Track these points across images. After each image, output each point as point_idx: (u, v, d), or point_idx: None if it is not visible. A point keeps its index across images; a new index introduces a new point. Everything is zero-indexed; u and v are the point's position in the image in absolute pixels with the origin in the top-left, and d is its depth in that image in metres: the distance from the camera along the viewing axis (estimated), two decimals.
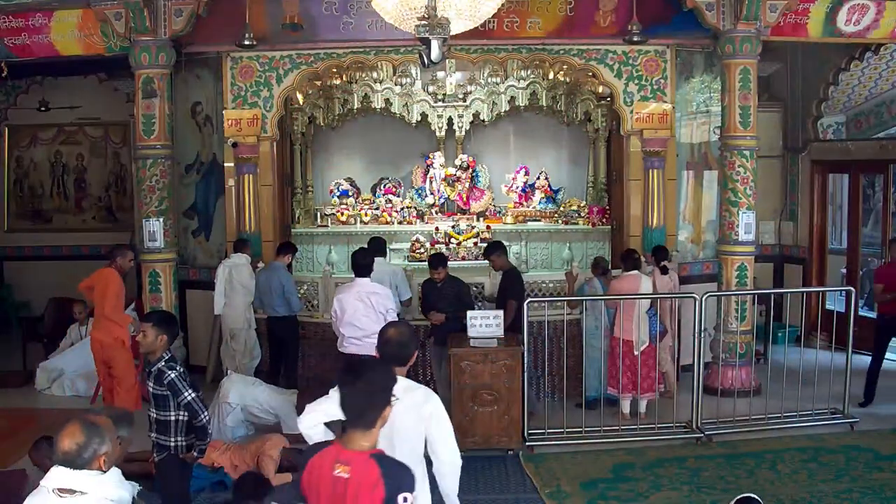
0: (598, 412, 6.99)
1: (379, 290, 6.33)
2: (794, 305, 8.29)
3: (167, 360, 4.39)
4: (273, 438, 6.23)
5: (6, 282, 11.81)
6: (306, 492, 2.81)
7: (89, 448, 2.74)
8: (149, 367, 4.45)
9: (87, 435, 2.75)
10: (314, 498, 2.77)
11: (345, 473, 2.69)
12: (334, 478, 2.70)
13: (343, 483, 2.69)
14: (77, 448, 2.73)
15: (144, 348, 4.46)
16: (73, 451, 2.73)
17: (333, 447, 2.79)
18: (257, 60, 8.55)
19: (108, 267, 7.24)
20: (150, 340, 4.38)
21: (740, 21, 7.64)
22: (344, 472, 2.69)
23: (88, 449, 2.74)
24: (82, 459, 2.73)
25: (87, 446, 2.74)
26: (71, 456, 2.72)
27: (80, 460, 2.73)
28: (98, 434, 2.78)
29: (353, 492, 2.67)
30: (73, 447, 2.73)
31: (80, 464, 2.73)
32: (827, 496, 5.64)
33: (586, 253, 10.13)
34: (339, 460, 2.72)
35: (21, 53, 8.13)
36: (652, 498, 5.71)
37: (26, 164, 11.91)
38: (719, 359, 8.03)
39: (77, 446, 2.73)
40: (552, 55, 8.55)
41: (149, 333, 4.38)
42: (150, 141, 8.02)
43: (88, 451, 2.74)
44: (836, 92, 10.02)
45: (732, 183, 8.00)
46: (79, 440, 2.74)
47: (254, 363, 8.17)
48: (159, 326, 4.41)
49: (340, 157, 11.55)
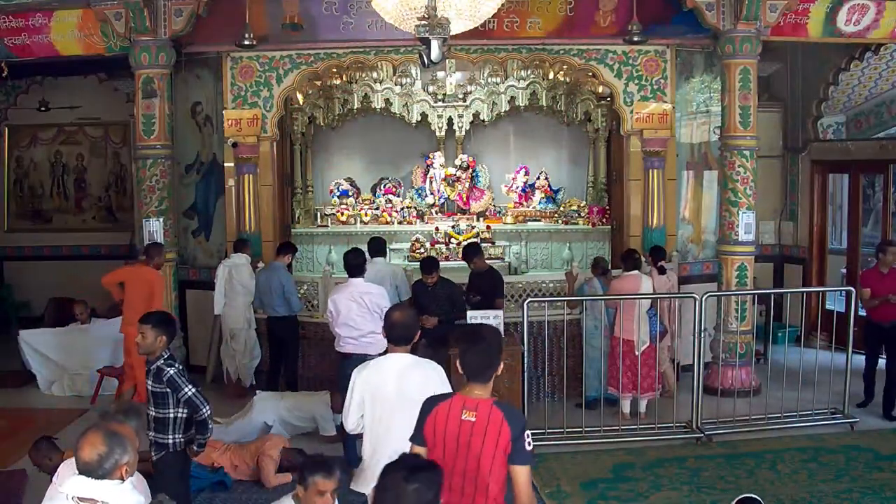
0: (598, 412, 6.99)
1: (373, 289, 6.33)
2: (794, 305, 8.29)
3: (166, 358, 4.43)
4: (273, 438, 6.23)
5: (6, 282, 11.81)
6: (428, 433, 3.28)
7: (111, 458, 2.67)
8: (148, 366, 4.48)
9: (109, 445, 2.68)
10: (438, 438, 3.25)
11: (472, 417, 3.21)
12: (462, 421, 3.21)
13: (470, 425, 3.20)
14: (99, 458, 2.65)
15: (144, 349, 4.48)
16: (94, 462, 2.65)
17: (457, 397, 3.30)
18: (257, 60, 8.55)
19: (144, 264, 7.48)
20: (149, 341, 4.42)
21: (740, 21, 7.64)
22: (471, 416, 3.21)
23: (110, 459, 2.67)
24: (104, 469, 2.66)
25: (109, 456, 2.67)
26: (92, 466, 2.65)
27: (102, 470, 2.66)
28: (120, 444, 2.71)
29: (480, 431, 3.18)
30: (95, 457, 2.65)
31: (102, 474, 2.66)
32: (827, 496, 5.64)
33: (586, 253, 10.14)
34: (465, 407, 3.23)
35: (21, 53, 8.14)
36: (652, 498, 5.71)
37: (26, 164, 11.92)
38: (719, 359, 8.03)
39: (99, 456, 2.66)
40: (552, 55, 8.55)
41: (148, 334, 4.42)
42: (150, 141, 8.03)
43: (110, 461, 2.67)
44: (836, 92, 10.02)
45: (732, 183, 8.00)
46: (101, 450, 2.66)
47: (254, 363, 8.18)
48: (158, 327, 4.45)
49: (340, 157, 11.55)
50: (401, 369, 3.85)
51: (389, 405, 3.81)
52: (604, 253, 9.76)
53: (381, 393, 3.83)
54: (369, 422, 3.90)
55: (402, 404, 3.69)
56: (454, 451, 3.22)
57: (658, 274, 7.72)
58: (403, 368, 3.85)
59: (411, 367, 3.86)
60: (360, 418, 3.93)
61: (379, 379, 3.86)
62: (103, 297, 10.95)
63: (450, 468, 3.19)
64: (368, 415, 3.89)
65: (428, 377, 3.81)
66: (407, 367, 3.85)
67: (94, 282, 11.19)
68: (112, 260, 11.34)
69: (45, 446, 5.16)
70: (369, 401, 3.87)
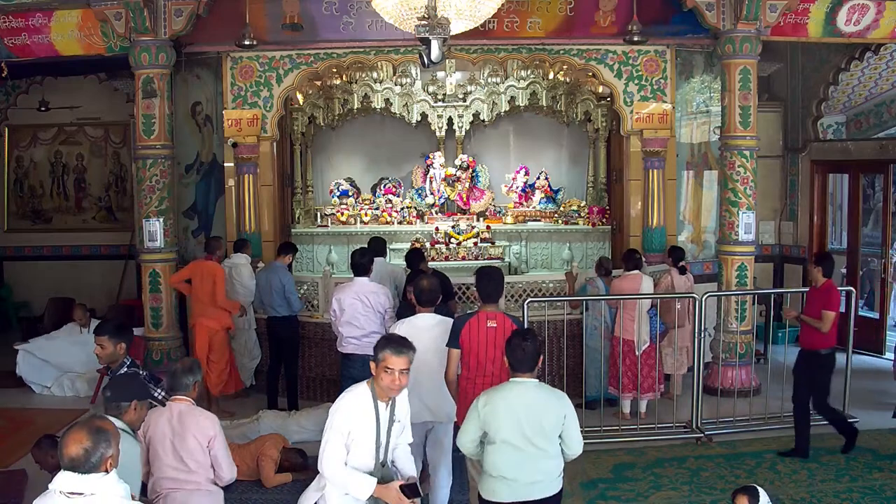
0: (598, 412, 6.99)
1: (378, 289, 6.33)
2: (794, 305, 8.26)
3: (129, 364, 4.49)
4: (273, 438, 6.23)
5: (6, 282, 11.80)
6: (463, 339, 4.71)
7: (96, 452, 2.73)
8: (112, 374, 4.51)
9: (94, 440, 2.74)
10: (472, 341, 4.71)
11: (494, 324, 4.73)
12: (488, 328, 4.72)
13: (493, 331, 4.72)
14: (85, 453, 2.72)
15: (106, 359, 4.52)
16: (80, 457, 2.71)
17: (481, 313, 4.79)
18: (257, 60, 8.55)
19: (207, 259, 7.70)
20: (109, 351, 4.48)
21: (740, 21, 7.64)
22: (494, 323, 4.74)
23: (96, 453, 2.73)
24: (90, 464, 2.72)
25: (95, 451, 2.73)
26: (79, 461, 2.71)
27: (88, 465, 2.72)
28: (105, 438, 2.77)
29: (501, 334, 4.58)
30: (81, 452, 2.71)
31: (88, 468, 2.72)
32: (827, 496, 5.64)
33: (586, 253, 10.15)
34: (489, 318, 4.75)
35: (21, 53, 8.13)
36: (652, 498, 5.71)
37: (26, 164, 11.92)
38: (719, 359, 8.03)
39: (85, 451, 2.72)
40: (552, 55, 8.55)
41: (107, 345, 4.47)
42: (150, 141, 8.02)
43: (96, 455, 2.73)
44: (836, 92, 10.03)
45: (732, 183, 8.00)
46: (86, 445, 2.72)
47: (254, 363, 8.18)
48: (116, 336, 4.50)
49: (340, 157, 11.56)
50: (430, 327, 4.94)
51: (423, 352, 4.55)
52: (603, 253, 9.76)
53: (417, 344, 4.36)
54: None
55: (431, 352, 4.78)
56: (485, 349, 4.71)
57: (678, 274, 7.72)
58: (431, 327, 4.94)
59: (437, 323, 4.97)
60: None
61: (413, 332, 4.61)
62: (103, 297, 11.04)
63: (484, 360, 4.72)
64: None
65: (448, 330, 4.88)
66: (434, 325, 4.95)
67: (94, 282, 11.32)
68: (112, 260, 11.43)
69: (47, 444, 5.16)
70: None
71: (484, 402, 3.85)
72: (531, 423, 3.77)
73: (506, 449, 3.80)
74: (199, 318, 7.61)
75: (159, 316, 8.14)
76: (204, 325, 7.55)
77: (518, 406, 3.78)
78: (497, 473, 3.83)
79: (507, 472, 3.81)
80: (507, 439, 3.78)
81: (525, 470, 3.80)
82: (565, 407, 3.84)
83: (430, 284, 5.07)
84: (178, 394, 4.12)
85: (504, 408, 3.79)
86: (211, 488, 4.05)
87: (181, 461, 3.95)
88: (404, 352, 3.73)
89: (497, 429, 3.79)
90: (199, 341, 7.55)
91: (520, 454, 3.79)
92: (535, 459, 3.81)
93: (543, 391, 3.89)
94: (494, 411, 3.80)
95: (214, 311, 7.56)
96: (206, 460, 4.00)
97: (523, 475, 3.81)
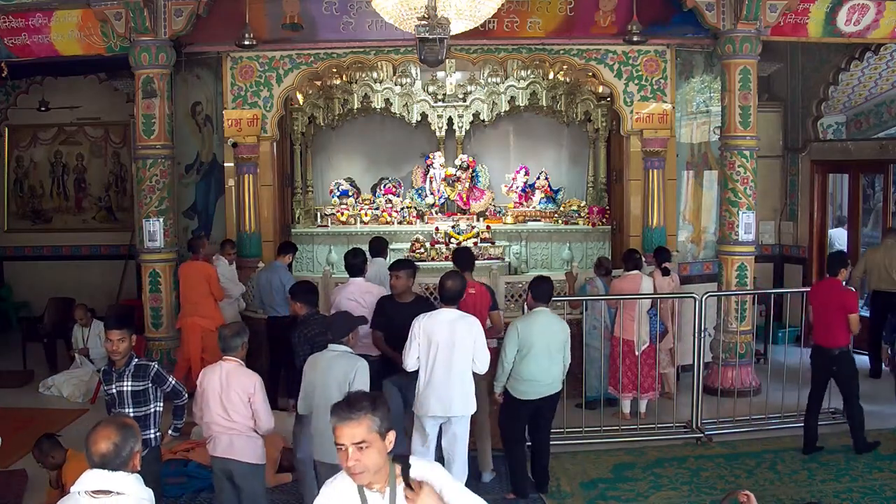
0: (598, 412, 6.99)
1: (374, 289, 6.32)
2: (794, 305, 8.27)
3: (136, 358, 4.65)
4: (272, 438, 6.21)
5: (6, 282, 11.81)
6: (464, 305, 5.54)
7: (126, 447, 2.74)
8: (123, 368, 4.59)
9: (122, 435, 2.75)
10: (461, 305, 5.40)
11: (473, 291, 5.89)
12: (468, 293, 5.71)
13: (473, 296, 5.88)
14: (115, 448, 2.72)
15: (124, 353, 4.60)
16: (111, 452, 2.71)
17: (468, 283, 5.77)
18: (257, 60, 8.55)
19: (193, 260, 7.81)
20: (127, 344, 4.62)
21: (740, 21, 7.64)
22: (474, 291, 5.92)
23: (126, 448, 2.74)
24: (120, 459, 2.72)
25: (124, 445, 2.74)
26: (109, 457, 2.71)
27: (119, 460, 2.72)
28: (131, 433, 2.79)
29: (480, 301, 6.00)
30: (111, 447, 2.71)
31: (118, 463, 2.72)
32: (827, 496, 5.64)
33: (586, 253, 10.14)
34: (470, 286, 5.84)
35: (21, 53, 8.14)
36: (652, 498, 5.72)
37: (26, 164, 11.92)
38: (719, 359, 8.03)
39: (115, 446, 2.72)
40: (552, 55, 8.55)
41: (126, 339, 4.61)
42: (150, 141, 8.03)
43: (126, 449, 2.74)
44: (836, 92, 10.03)
45: (732, 183, 8.00)
46: (115, 440, 2.73)
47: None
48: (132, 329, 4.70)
49: (340, 157, 11.55)
50: (451, 321, 5.20)
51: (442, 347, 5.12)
52: (603, 253, 9.75)
53: (436, 337, 5.15)
54: (424, 359, 5.18)
55: (447, 346, 5.12)
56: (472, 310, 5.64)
57: (661, 275, 7.71)
58: (453, 320, 5.21)
59: (458, 319, 5.24)
60: (417, 359, 5.19)
61: (436, 327, 5.14)
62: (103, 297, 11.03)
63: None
64: (424, 354, 5.17)
65: (470, 324, 5.24)
66: (455, 319, 5.22)
67: (94, 282, 11.32)
68: (112, 260, 11.43)
69: (47, 444, 5.17)
70: (425, 343, 5.17)
71: (521, 326, 5.48)
72: (550, 338, 5.49)
73: (535, 359, 5.44)
74: (189, 317, 7.65)
75: (159, 316, 8.14)
76: (197, 324, 7.61)
77: (542, 326, 5.49)
78: (529, 377, 5.47)
79: (536, 375, 5.47)
80: (536, 351, 5.43)
81: (546, 373, 5.50)
82: (565, 330, 5.67)
83: (453, 285, 5.30)
84: (228, 354, 4.70)
85: (534, 328, 5.47)
86: (251, 434, 4.68)
87: (225, 411, 4.61)
88: (354, 416, 2.52)
89: (531, 344, 5.43)
90: (192, 341, 7.58)
91: (544, 361, 5.47)
92: (551, 365, 5.51)
93: (554, 317, 5.66)
94: (529, 331, 5.45)
95: (207, 309, 7.60)
96: (247, 412, 4.63)
97: (544, 377, 5.51)
